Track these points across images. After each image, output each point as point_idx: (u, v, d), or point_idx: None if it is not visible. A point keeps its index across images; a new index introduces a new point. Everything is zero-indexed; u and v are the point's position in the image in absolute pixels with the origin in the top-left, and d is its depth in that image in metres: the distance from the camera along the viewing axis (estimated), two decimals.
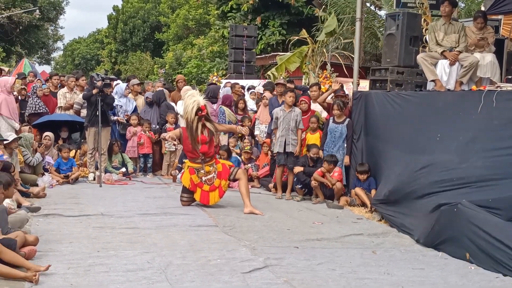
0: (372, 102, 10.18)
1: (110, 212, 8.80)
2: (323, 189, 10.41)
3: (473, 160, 7.46)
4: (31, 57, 55.15)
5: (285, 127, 10.74)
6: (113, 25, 58.35)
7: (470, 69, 9.18)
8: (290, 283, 5.76)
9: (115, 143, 12.61)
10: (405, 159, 8.89)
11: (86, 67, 69.32)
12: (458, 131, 7.88)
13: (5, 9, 43.75)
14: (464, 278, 6.21)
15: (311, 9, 24.73)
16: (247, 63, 20.65)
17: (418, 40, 10.30)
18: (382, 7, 20.49)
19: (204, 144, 9.39)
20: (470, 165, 7.46)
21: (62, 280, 5.56)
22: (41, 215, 8.38)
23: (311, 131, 11.38)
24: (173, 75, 37.16)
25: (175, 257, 6.49)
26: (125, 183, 11.90)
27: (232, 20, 27.84)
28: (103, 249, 6.70)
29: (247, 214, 9.02)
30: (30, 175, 10.86)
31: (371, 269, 6.39)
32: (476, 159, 7.43)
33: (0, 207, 6.39)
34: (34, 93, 13.18)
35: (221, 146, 11.78)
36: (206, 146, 9.42)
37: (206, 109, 9.44)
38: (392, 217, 8.62)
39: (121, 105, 13.31)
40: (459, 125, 7.91)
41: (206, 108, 9.43)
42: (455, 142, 7.85)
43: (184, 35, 44.83)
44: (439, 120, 8.36)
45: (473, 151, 7.55)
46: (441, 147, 8.11)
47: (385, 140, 9.74)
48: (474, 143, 7.60)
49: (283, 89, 12.32)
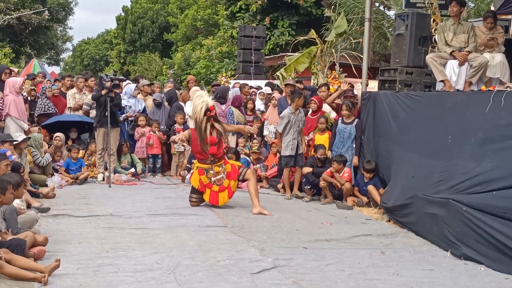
0: (381, 102, 10.16)
1: (119, 213, 8.82)
2: (332, 189, 10.40)
3: (486, 162, 7.39)
4: (40, 58, 55.40)
5: (296, 129, 10.74)
6: (122, 25, 58.51)
7: (480, 69, 9.15)
8: (299, 284, 5.76)
9: (124, 143, 12.64)
10: (414, 160, 8.86)
11: (95, 67, 69.45)
12: (468, 132, 7.82)
13: (14, 10, 43.98)
14: (473, 279, 6.19)
15: (320, 10, 24.69)
16: (256, 64, 20.61)
17: (427, 40, 10.27)
18: (391, 7, 20.41)
19: (213, 146, 9.38)
20: (483, 167, 7.40)
21: (71, 280, 5.58)
22: (50, 216, 8.41)
23: (319, 131, 11.37)
24: (181, 75, 37.20)
25: (184, 257, 6.50)
26: (134, 184, 11.93)
27: (241, 20, 27.81)
28: (112, 250, 6.72)
29: (256, 214, 9.02)
30: (40, 175, 10.90)
31: (380, 270, 6.38)
32: (488, 161, 7.37)
33: (10, 207, 6.43)
34: (43, 94, 13.22)
35: (229, 149, 11.76)
36: (215, 147, 9.42)
37: (214, 109, 9.43)
38: (401, 219, 8.61)
39: (130, 105, 13.34)
40: (469, 126, 7.86)
41: (214, 108, 9.43)
42: (467, 144, 7.79)
43: (193, 36, 44.86)
44: (448, 120, 8.32)
45: (485, 152, 7.48)
46: (452, 149, 8.06)
47: (394, 140, 9.73)
48: (485, 144, 7.53)
49: (293, 90, 12.33)
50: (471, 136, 7.71)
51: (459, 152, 7.84)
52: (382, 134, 10.14)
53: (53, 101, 13.34)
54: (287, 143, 10.75)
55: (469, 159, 7.59)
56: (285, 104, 12.19)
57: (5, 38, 44.74)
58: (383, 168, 9.97)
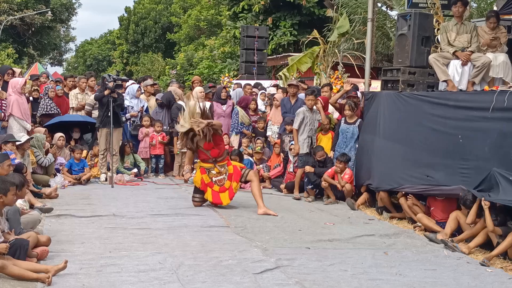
0: (384, 102, 10.14)
1: (122, 213, 8.83)
2: (334, 190, 10.40)
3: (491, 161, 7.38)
4: (43, 58, 55.52)
5: (310, 128, 10.78)
6: (124, 26, 58.58)
7: (483, 69, 9.13)
8: (302, 284, 5.76)
9: (127, 144, 12.64)
10: (416, 160, 8.86)
11: (98, 68, 69.59)
12: (474, 132, 7.81)
13: (17, 11, 44.04)
14: (476, 279, 6.19)
15: (323, 10, 24.68)
16: (259, 64, 20.62)
17: (430, 40, 10.25)
18: (394, 7, 20.40)
19: (212, 149, 9.39)
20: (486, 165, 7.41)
21: (74, 280, 5.59)
22: (53, 216, 8.42)
23: (322, 131, 11.37)
24: (184, 76, 37.21)
25: (187, 257, 6.51)
26: (137, 184, 11.94)
27: (244, 20, 27.84)
28: (115, 250, 6.73)
29: (260, 215, 9.01)
30: (42, 176, 10.90)
31: (383, 270, 6.38)
32: (493, 161, 7.36)
33: (13, 208, 6.43)
34: (46, 94, 13.23)
35: (233, 151, 11.74)
36: (215, 150, 9.41)
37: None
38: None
39: (132, 106, 13.33)
40: (473, 126, 7.84)
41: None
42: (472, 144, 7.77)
43: (196, 36, 44.88)
44: (452, 121, 8.31)
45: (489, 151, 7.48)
46: (458, 149, 8.05)
47: (396, 140, 9.70)
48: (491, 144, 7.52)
49: (296, 90, 12.36)
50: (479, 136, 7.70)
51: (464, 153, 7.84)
52: (385, 134, 10.11)
53: (57, 101, 13.35)
54: (302, 141, 10.80)
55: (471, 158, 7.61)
56: (288, 104, 12.21)
57: (8, 38, 44.81)
58: (385, 168, 9.95)
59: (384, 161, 9.59)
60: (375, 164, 9.82)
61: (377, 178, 9.73)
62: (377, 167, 9.76)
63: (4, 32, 42.95)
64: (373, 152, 9.97)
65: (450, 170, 8.16)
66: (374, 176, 9.82)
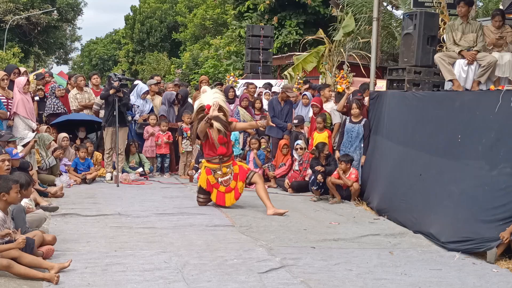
0: (389, 102, 10.13)
1: (127, 212, 8.84)
2: (339, 190, 10.39)
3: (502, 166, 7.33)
4: (49, 57, 55.66)
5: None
6: (130, 25, 58.68)
7: (488, 69, 9.11)
8: (307, 283, 5.76)
9: (133, 143, 12.67)
10: (422, 161, 8.83)
11: (104, 67, 69.75)
12: (478, 132, 7.78)
13: (23, 10, 44.16)
14: (482, 279, 6.17)
15: (328, 9, 24.64)
16: (264, 63, 20.61)
17: (435, 40, 10.23)
18: (399, 6, 20.36)
19: (221, 146, 9.37)
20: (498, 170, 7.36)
21: (80, 279, 5.60)
22: (58, 215, 8.44)
23: (318, 130, 11.41)
24: (190, 75, 37.25)
25: (192, 256, 6.51)
26: (142, 183, 11.96)
27: (249, 20, 27.85)
28: (120, 249, 6.74)
29: (269, 215, 8.97)
30: (48, 175, 10.92)
31: (388, 270, 6.37)
32: (504, 165, 7.32)
33: (18, 206, 6.44)
34: (53, 93, 13.23)
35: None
36: (223, 147, 9.40)
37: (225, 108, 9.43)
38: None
39: (138, 105, 13.33)
40: (479, 125, 7.81)
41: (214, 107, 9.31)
42: (477, 145, 7.74)
43: (201, 35, 44.91)
44: (457, 120, 8.28)
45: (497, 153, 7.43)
46: (462, 149, 8.02)
47: (402, 140, 9.69)
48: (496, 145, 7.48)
49: (285, 95, 12.61)
50: (484, 137, 7.65)
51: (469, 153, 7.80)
52: (390, 134, 10.10)
53: (63, 101, 13.34)
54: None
55: (479, 159, 7.56)
56: (277, 106, 12.40)
57: (14, 38, 44.92)
58: (388, 168, 9.93)
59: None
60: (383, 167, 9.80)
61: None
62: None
63: (10, 32, 43.07)
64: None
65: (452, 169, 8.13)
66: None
